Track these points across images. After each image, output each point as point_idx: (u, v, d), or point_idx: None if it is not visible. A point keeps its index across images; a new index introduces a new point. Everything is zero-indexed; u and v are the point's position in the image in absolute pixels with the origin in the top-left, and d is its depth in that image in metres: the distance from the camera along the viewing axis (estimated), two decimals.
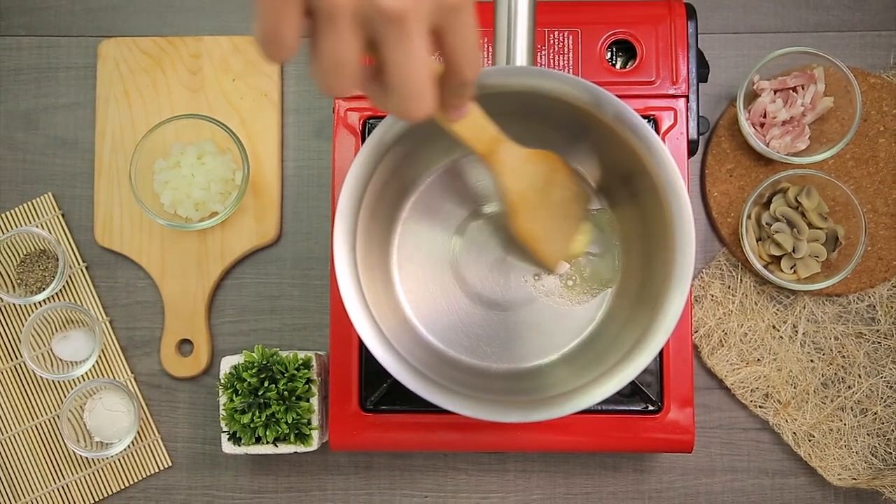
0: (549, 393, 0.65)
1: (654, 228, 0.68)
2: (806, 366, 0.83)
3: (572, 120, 0.68)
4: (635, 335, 0.65)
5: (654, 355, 0.63)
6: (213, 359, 0.85)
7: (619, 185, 0.72)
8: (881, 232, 0.83)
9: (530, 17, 0.66)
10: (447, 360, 0.73)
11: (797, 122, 0.82)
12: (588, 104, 0.64)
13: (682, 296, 0.63)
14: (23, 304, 0.85)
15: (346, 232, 0.64)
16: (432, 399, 0.63)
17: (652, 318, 0.64)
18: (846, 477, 0.81)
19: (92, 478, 0.84)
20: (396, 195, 0.75)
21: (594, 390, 0.63)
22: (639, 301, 0.69)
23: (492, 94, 0.65)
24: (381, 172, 0.66)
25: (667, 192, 0.64)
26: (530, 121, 0.71)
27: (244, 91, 0.85)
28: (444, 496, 0.84)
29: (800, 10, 0.87)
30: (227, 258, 0.84)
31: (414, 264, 0.75)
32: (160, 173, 0.82)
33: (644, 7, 0.77)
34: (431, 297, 0.75)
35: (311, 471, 0.84)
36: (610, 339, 0.70)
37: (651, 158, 0.64)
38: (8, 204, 0.87)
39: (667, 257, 0.65)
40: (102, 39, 0.87)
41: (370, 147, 0.64)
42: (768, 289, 0.84)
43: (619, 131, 0.65)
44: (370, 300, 0.65)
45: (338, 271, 0.63)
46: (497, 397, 0.65)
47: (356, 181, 0.64)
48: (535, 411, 0.63)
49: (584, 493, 0.83)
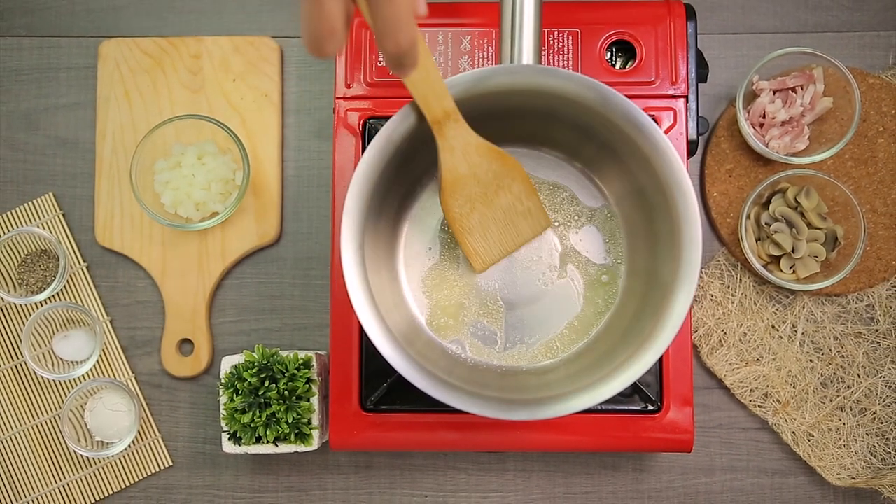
0: (555, 391, 0.65)
1: (660, 227, 0.68)
2: (805, 365, 0.83)
3: (579, 119, 0.68)
4: (642, 333, 0.65)
5: (661, 353, 0.63)
6: (213, 358, 0.85)
7: (625, 183, 0.72)
8: (880, 232, 0.83)
9: (536, 16, 0.66)
10: (453, 358, 0.73)
11: (796, 123, 0.82)
12: (595, 103, 0.65)
13: (689, 294, 0.64)
14: (24, 304, 0.85)
15: (353, 230, 0.64)
16: (440, 397, 0.63)
17: (658, 317, 0.64)
18: (845, 476, 0.82)
19: (92, 477, 0.84)
20: (404, 194, 0.75)
21: (600, 388, 0.63)
22: (644, 299, 0.69)
23: (499, 93, 0.66)
24: (388, 170, 0.67)
25: (673, 191, 0.65)
26: (536, 119, 0.71)
27: (244, 91, 0.86)
28: (444, 496, 0.84)
29: (799, 11, 0.87)
30: (228, 258, 0.84)
31: (420, 262, 0.75)
32: (161, 173, 0.82)
33: (644, 7, 0.77)
34: (437, 296, 0.75)
35: (311, 470, 0.84)
36: (617, 337, 0.70)
37: (658, 157, 0.65)
38: (9, 204, 0.87)
39: (673, 255, 0.65)
40: (103, 40, 0.87)
41: (378, 145, 0.64)
42: (767, 289, 0.84)
43: (626, 130, 0.65)
44: (377, 298, 0.65)
45: (345, 270, 0.63)
46: (502, 395, 0.65)
47: (364, 179, 0.65)
48: (541, 409, 0.63)
49: (583, 493, 0.84)
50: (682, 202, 0.64)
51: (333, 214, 0.76)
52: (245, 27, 0.88)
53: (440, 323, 0.75)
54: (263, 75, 0.86)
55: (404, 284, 0.75)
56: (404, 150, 0.67)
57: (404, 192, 0.75)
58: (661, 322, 0.64)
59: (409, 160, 0.69)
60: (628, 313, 0.72)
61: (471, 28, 0.77)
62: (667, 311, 0.64)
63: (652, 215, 0.69)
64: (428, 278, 0.75)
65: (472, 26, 0.77)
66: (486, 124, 0.72)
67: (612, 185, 0.74)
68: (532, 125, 0.72)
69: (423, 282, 0.75)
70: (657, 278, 0.68)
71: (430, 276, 0.75)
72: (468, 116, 0.66)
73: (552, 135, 0.74)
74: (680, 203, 0.64)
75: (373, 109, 0.77)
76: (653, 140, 0.64)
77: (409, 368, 0.63)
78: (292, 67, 0.87)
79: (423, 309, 0.75)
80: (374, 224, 0.68)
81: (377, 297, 0.66)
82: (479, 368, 0.73)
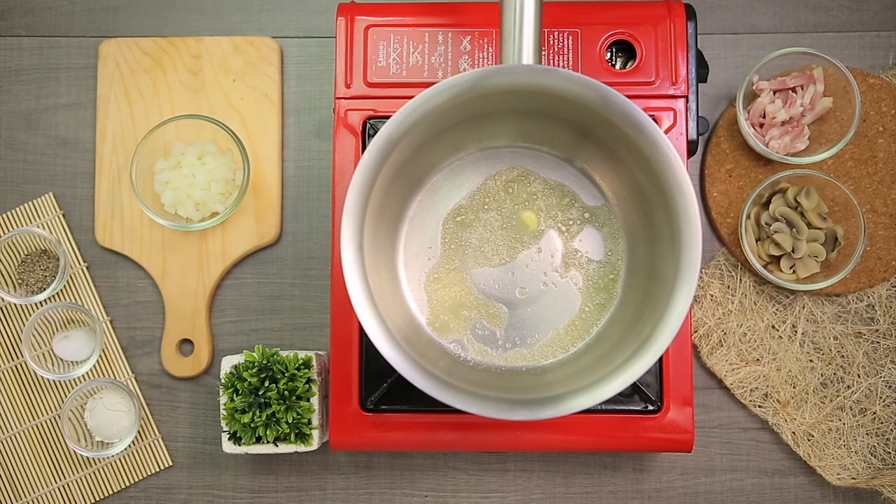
0: (555, 391, 0.65)
1: (660, 227, 0.68)
2: (805, 365, 0.83)
3: (578, 119, 0.68)
4: (642, 333, 0.65)
5: (661, 353, 0.63)
6: (213, 358, 0.85)
7: (626, 183, 0.72)
8: (880, 232, 0.83)
9: (536, 16, 0.66)
10: (453, 358, 0.73)
11: (796, 123, 0.82)
12: (595, 103, 0.65)
13: (689, 294, 0.64)
14: (24, 304, 0.85)
15: (353, 229, 0.64)
16: (440, 397, 0.63)
17: (658, 317, 0.64)
18: (845, 476, 0.82)
19: (92, 477, 0.84)
20: (403, 193, 0.75)
21: (600, 388, 0.63)
22: (645, 299, 0.69)
23: (499, 93, 0.66)
24: (389, 170, 0.67)
25: (673, 191, 0.65)
26: (537, 119, 0.71)
27: (244, 91, 0.86)
28: (444, 496, 0.84)
29: (799, 11, 0.87)
30: (228, 258, 0.84)
31: (420, 262, 0.75)
32: (161, 173, 0.82)
33: (644, 7, 0.77)
34: (437, 295, 0.75)
35: (311, 470, 0.84)
36: (617, 337, 0.71)
37: (658, 157, 0.65)
38: (9, 204, 0.87)
39: (673, 255, 0.65)
40: (103, 40, 0.87)
41: (378, 145, 0.64)
42: (767, 289, 0.84)
43: (626, 129, 0.65)
44: (377, 297, 0.65)
45: (345, 269, 0.63)
46: (503, 395, 0.65)
47: (364, 179, 0.65)
48: (542, 409, 0.63)
49: (583, 493, 0.84)
50: (681, 202, 0.64)
51: (333, 214, 0.76)
52: (245, 27, 0.88)
53: (440, 323, 0.75)
54: (263, 75, 0.86)
55: (404, 284, 0.75)
56: (404, 150, 0.67)
57: (404, 192, 0.75)
58: (661, 322, 0.64)
59: (410, 159, 0.69)
60: (628, 313, 0.72)
61: (471, 28, 0.77)
62: (667, 312, 0.64)
63: (652, 215, 0.69)
64: (428, 278, 0.75)
65: (472, 26, 0.77)
66: (486, 124, 0.72)
67: (612, 184, 0.74)
68: (532, 125, 0.72)
69: (424, 281, 0.75)
70: (657, 278, 0.68)
71: (430, 276, 0.75)
72: (469, 116, 0.66)
73: (552, 135, 0.74)
74: (680, 203, 0.64)
75: (373, 109, 0.77)
76: (652, 140, 0.64)
77: (409, 368, 0.63)
78: (292, 67, 0.87)
79: (423, 309, 0.75)
80: (374, 224, 0.68)
81: (377, 297, 0.66)
82: (480, 368, 0.73)
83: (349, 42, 0.77)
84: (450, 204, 0.76)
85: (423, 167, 0.74)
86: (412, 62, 0.77)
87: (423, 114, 0.65)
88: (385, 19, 0.77)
